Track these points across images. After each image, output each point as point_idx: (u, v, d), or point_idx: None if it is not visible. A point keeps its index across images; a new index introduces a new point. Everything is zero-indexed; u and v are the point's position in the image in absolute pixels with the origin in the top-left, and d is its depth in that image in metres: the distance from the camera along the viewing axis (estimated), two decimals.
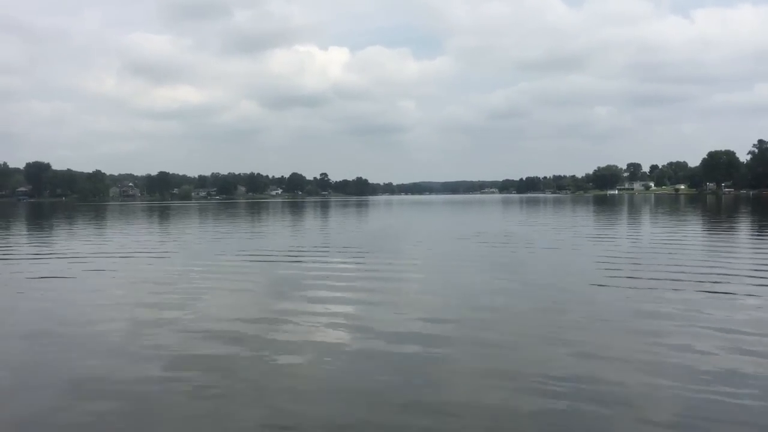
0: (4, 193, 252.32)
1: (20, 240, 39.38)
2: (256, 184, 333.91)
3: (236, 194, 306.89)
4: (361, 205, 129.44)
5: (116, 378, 9.24)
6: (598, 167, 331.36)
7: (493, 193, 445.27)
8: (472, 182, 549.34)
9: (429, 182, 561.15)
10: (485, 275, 20.02)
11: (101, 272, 21.42)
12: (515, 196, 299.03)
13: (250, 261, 24.47)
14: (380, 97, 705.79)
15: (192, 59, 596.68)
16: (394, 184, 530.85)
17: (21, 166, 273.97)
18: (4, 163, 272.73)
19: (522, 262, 23.36)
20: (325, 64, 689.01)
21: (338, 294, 16.22)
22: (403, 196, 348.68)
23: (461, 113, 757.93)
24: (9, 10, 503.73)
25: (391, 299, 15.47)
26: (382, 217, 70.92)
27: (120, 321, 13.18)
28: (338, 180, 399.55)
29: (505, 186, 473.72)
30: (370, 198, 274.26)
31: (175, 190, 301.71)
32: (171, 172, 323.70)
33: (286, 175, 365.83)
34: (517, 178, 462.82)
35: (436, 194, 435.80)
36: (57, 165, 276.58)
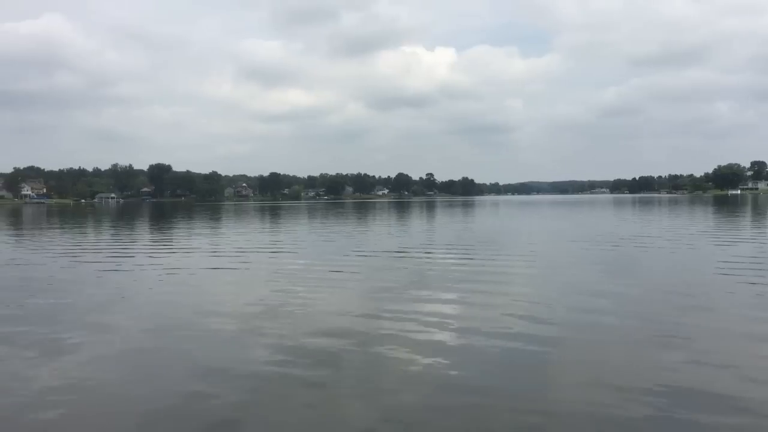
0: (130, 193, 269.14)
1: (144, 236, 41.93)
2: (363, 184, 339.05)
3: (344, 194, 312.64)
4: (468, 205, 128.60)
5: (235, 368, 9.76)
6: (719, 166, 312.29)
7: (603, 193, 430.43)
8: (581, 182, 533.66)
9: (537, 182, 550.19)
10: (598, 276, 19.51)
11: (220, 270, 22.54)
12: (628, 196, 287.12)
13: (362, 258, 25.07)
14: (486, 96, 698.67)
15: (302, 63, 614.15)
16: (501, 184, 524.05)
17: (145, 167, 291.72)
18: (130, 165, 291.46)
19: (638, 265, 22.57)
20: (431, 65, 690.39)
21: (446, 294, 16.29)
22: (510, 197, 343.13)
23: (570, 111, 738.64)
24: (134, 21, 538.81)
25: (499, 299, 15.36)
26: (490, 217, 70.22)
27: (238, 314, 13.86)
28: (444, 180, 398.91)
29: (616, 186, 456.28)
30: (476, 198, 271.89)
31: (286, 190, 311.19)
32: (282, 173, 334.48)
33: (393, 175, 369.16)
34: (629, 178, 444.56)
35: (544, 194, 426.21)
36: (177, 166, 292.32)
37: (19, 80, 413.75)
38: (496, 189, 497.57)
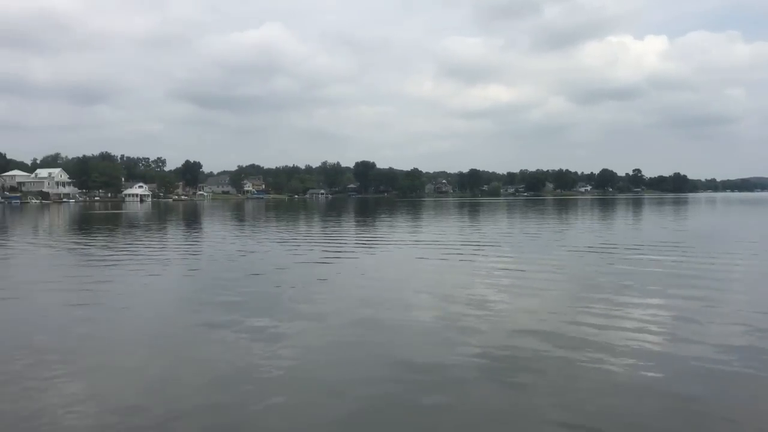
0: (337, 189, 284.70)
1: (350, 229, 43.88)
2: (564, 180, 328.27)
3: (544, 191, 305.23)
4: (680, 203, 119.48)
5: (428, 361, 9.66)
6: None
7: None
8: None
9: (761, 178, 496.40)
10: None
11: (423, 262, 22.82)
12: None
13: (566, 254, 24.14)
14: (702, 86, 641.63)
15: (502, 58, 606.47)
16: (718, 180, 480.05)
17: (351, 165, 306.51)
18: (337, 163, 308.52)
19: None
20: (640, 54, 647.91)
21: (656, 297, 15.06)
22: (729, 194, 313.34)
23: None
24: (344, 26, 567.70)
25: (717, 305, 13.93)
26: (707, 215, 64.54)
27: (439, 308, 13.82)
28: (652, 176, 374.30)
29: None
30: (689, 195, 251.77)
31: (485, 187, 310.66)
32: (481, 169, 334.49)
33: (596, 172, 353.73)
34: None
35: None
36: (381, 164, 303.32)
37: (243, 86, 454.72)
38: (712, 185, 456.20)
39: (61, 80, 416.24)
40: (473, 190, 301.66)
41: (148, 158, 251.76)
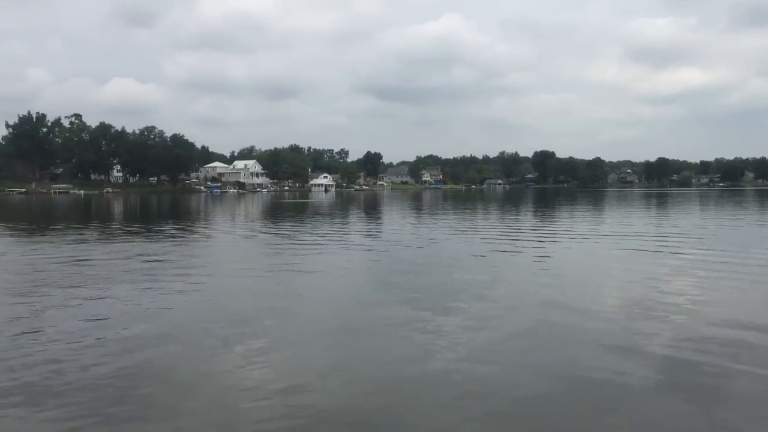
0: (515, 179, 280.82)
1: (526, 221, 43.09)
2: (766, 169, 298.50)
3: (742, 181, 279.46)
4: None
5: (588, 365, 9.23)
6: None
7: None
8: None
9: None
10: None
11: (606, 255, 21.92)
12: None
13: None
14: None
15: (695, 39, 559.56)
16: None
17: (529, 154, 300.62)
18: (515, 153, 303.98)
19: None
20: None
21: None
22: None
23: None
24: (525, 13, 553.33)
25: None
26: None
27: (631, 301, 13.25)
28: None
29: None
30: None
31: (674, 176, 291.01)
32: (670, 158, 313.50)
33: None
34: None
35: None
36: (560, 153, 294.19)
37: (423, 78, 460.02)
38: None
39: (256, 78, 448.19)
40: (661, 180, 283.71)
41: (332, 150, 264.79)
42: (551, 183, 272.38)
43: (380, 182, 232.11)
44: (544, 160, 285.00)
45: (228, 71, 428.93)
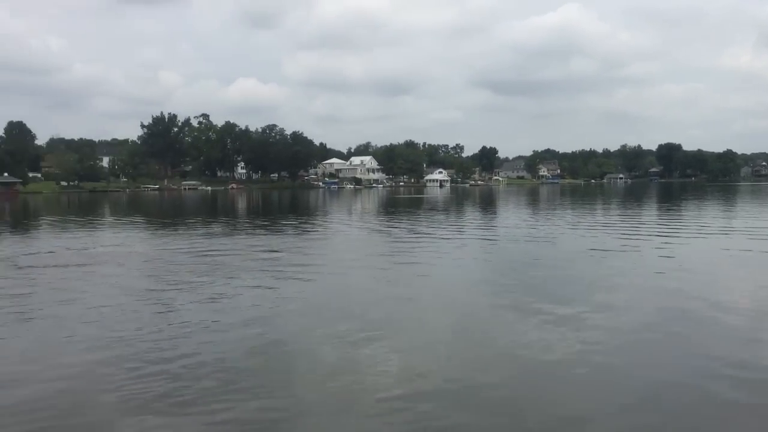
0: (637, 173, 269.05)
1: (649, 217, 41.45)
2: None
3: None
4: None
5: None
6: None
7: None
8: None
9: None
10: None
11: (738, 257, 20.95)
12: None
13: None
14: None
15: None
16: None
17: (653, 147, 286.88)
18: (638, 146, 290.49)
19: None
20: None
21: None
22: None
23: None
24: (649, 0, 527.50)
25: None
26: None
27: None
28: None
29: None
30: None
31: None
32: None
33: None
34: None
35: None
36: (687, 145, 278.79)
37: (541, 70, 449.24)
38: None
39: (372, 75, 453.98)
40: None
41: (447, 145, 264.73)
42: (677, 177, 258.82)
43: (496, 177, 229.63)
44: (669, 152, 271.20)
45: (345, 69, 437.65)
